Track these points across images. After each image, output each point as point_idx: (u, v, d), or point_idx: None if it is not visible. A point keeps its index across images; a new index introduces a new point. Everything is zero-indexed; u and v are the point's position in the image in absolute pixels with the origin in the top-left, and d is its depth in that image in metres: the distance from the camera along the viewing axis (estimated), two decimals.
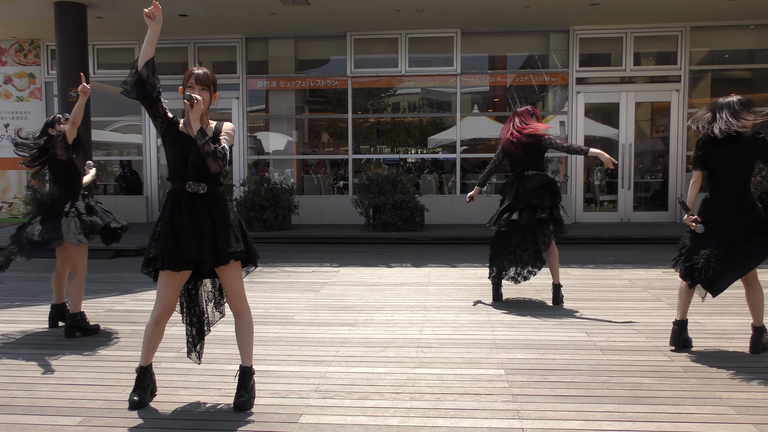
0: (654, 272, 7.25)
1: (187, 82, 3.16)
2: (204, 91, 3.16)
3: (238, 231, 3.23)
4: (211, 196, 3.20)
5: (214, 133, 3.19)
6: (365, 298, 6.02)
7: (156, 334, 3.27)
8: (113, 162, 13.93)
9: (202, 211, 3.15)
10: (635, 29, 11.80)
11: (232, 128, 3.28)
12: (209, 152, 3.01)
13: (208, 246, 3.11)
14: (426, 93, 13.46)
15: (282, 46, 12.97)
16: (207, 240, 3.11)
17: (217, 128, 3.23)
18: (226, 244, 3.13)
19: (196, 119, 3.07)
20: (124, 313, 5.45)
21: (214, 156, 3.01)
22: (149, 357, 3.31)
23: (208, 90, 3.19)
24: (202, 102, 3.07)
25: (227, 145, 3.13)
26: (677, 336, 4.22)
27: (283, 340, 4.55)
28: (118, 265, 8.30)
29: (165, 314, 3.22)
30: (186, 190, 3.16)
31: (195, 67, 3.20)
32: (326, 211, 12.45)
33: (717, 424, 2.99)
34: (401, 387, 3.55)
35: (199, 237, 3.10)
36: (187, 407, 3.28)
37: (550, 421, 3.05)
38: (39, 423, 3.08)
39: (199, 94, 3.12)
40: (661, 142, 12.54)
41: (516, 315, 5.25)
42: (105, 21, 11.35)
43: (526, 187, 5.44)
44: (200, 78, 3.16)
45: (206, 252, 3.11)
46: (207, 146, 3.00)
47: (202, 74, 3.17)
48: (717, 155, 4.04)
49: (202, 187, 3.17)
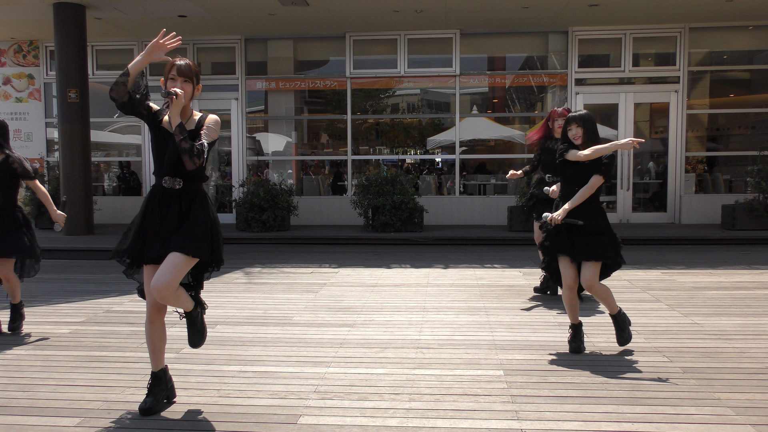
0: (653, 273, 7.25)
1: (169, 73, 3.04)
2: (186, 83, 3.05)
3: (204, 232, 3.08)
4: (186, 192, 3.10)
5: (196, 126, 3.10)
6: (364, 299, 6.02)
7: (155, 333, 3.18)
8: (112, 162, 13.94)
9: (173, 208, 3.07)
10: (634, 30, 11.81)
11: (215, 121, 3.14)
12: (185, 149, 2.91)
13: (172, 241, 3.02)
14: (425, 94, 13.47)
15: (281, 47, 12.98)
16: (171, 238, 3.03)
17: (200, 121, 3.12)
18: (180, 242, 3.01)
19: (176, 114, 2.95)
20: (123, 314, 5.45)
21: (190, 153, 2.91)
22: (157, 361, 3.22)
23: (191, 82, 3.08)
24: (183, 96, 2.97)
25: (207, 141, 3.03)
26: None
27: (282, 341, 4.55)
28: (118, 265, 8.26)
29: (154, 310, 3.14)
30: (162, 186, 3.09)
31: (177, 58, 3.08)
32: (325, 212, 12.46)
33: (716, 425, 2.99)
34: (400, 388, 3.55)
35: (163, 237, 3.04)
36: (186, 408, 3.28)
37: (549, 422, 3.05)
38: (38, 424, 3.07)
39: (181, 86, 3.02)
40: (660, 143, 12.55)
41: (515, 316, 5.26)
42: (104, 22, 11.35)
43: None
44: (182, 69, 3.04)
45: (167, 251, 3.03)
46: (184, 143, 2.91)
47: (185, 65, 3.05)
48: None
49: (177, 183, 3.08)
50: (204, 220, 3.10)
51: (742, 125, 12.80)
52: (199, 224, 3.07)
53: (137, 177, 13.42)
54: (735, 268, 7.52)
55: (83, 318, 5.30)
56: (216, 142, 3.17)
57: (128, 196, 13.26)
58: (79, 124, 10.62)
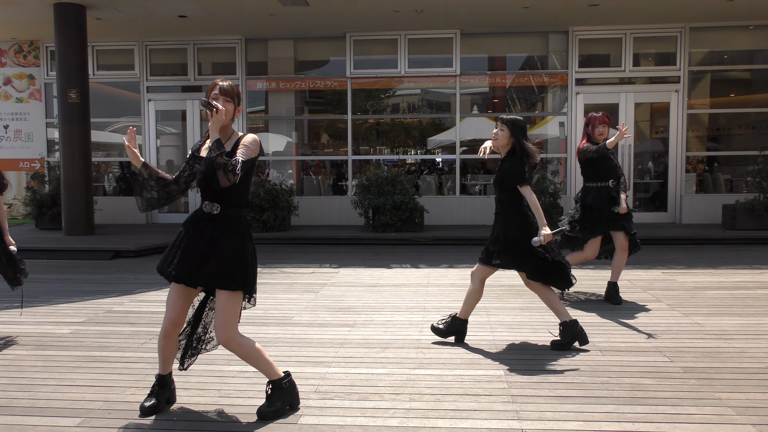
0: (653, 273, 7.25)
1: (211, 93, 3.10)
2: (228, 102, 3.08)
3: (237, 263, 3.06)
4: (222, 218, 3.10)
5: (234, 145, 3.10)
6: (365, 299, 6.02)
7: (168, 346, 3.20)
8: (112, 163, 13.94)
9: (207, 233, 3.08)
10: (634, 30, 11.81)
11: (253, 140, 3.13)
12: (220, 165, 2.91)
13: (204, 269, 3.04)
14: (425, 94, 13.47)
15: (281, 47, 12.98)
16: (203, 263, 3.04)
17: (238, 141, 3.12)
18: (211, 273, 3.03)
19: (216, 129, 2.98)
20: (124, 314, 5.45)
21: (225, 169, 2.90)
22: (166, 367, 3.26)
23: (233, 102, 3.11)
24: (223, 113, 2.99)
25: (243, 158, 3.00)
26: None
27: (283, 341, 4.55)
28: (118, 266, 8.30)
29: (171, 327, 3.14)
30: (202, 209, 3.14)
31: (219, 79, 3.15)
32: (326, 212, 12.46)
33: (716, 425, 2.99)
34: (401, 388, 3.55)
35: (194, 260, 3.05)
36: (186, 408, 3.28)
37: (550, 422, 3.05)
38: (38, 424, 3.08)
39: (222, 105, 3.04)
40: (661, 143, 12.55)
41: (515, 316, 5.26)
42: (104, 22, 11.36)
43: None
44: (225, 89, 3.09)
45: (197, 275, 3.04)
46: (219, 158, 2.91)
47: (227, 86, 3.11)
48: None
49: (215, 208, 3.10)
50: (237, 251, 3.07)
51: (742, 125, 12.80)
52: (227, 254, 3.05)
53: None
54: (735, 268, 7.52)
55: (84, 318, 5.31)
56: (255, 162, 3.14)
57: (129, 196, 13.25)
58: (80, 125, 10.62)
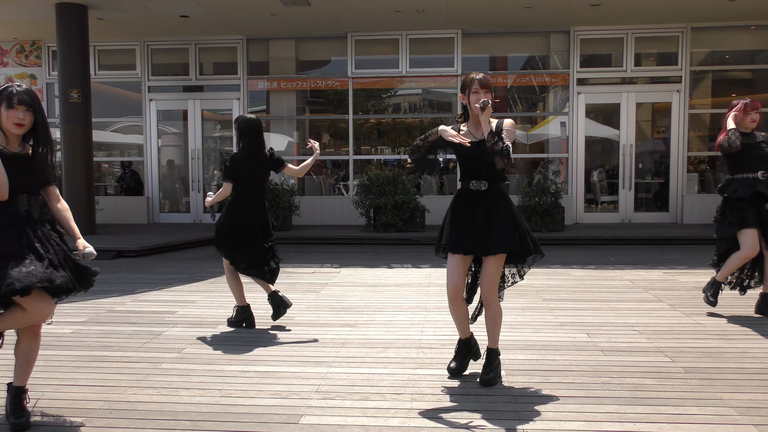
0: (655, 273, 7.25)
1: (471, 87, 3.40)
2: (488, 93, 3.40)
3: (511, 226, 3.43)
4: (490, 193, 3.46)
5: (496, 129, 3.38)
6: (366, 298, 6.02)
7: (459, 311, 3.60)
8: (114, 163, 13.95)
9: (480, 207, 3.44)
10: (636, 30, 11.80)
11: (512, 124, 3.46)
12: (497, 151, 3.26)
13: (480, 239, 3.42)
14: (427, 94, 13.47)
15: (283, 47, 12.98)
16: (480, 233, 3.42)
17: (498, 126, 3.41)
18: (494, 240, 3.40)
19: (487, 121, 3.30)
20: (125, 314, 5.46)
21: (501, 154, 3.26)
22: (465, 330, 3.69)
23: (491, 92, 3.44)
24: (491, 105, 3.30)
25: (509, 142, 3.34)
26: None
27: (284, 341, 4.55)
28: (119, 265, 8.30)
29: (454, 292, 3.53)
30: (470, 188, 3.49)
31: (474, 73, 3.45)
32: (327, 212, 12.46)
33: (718, 425, 2.99)
34: (402, 388, 3.55)
35: (473, 231, 3.43)
36: (187, 408, 3.28)
37: (551, 422, 3.05)
38: (40, 424, 3.08)
39: (485, 96, 3.37)
40: (662, 143, 12.54)
41: (516, 316, 5.25)
42: (106, 22, 11.36)
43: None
44: (483, 82, 3.40)
45: (477, 245, 3.43)
46: (495, 145, 3.26)
47: (483, 78, 3.41)
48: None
49: (483, 185, 3.46)
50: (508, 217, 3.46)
51: None
52: (507, 222, 3.44)
53: (139, 177, 13.42)
54: None
55: (85, 318, 5.31)
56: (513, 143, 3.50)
57: (130, 196, 13.27)
58: (81, 124, 10.62)
